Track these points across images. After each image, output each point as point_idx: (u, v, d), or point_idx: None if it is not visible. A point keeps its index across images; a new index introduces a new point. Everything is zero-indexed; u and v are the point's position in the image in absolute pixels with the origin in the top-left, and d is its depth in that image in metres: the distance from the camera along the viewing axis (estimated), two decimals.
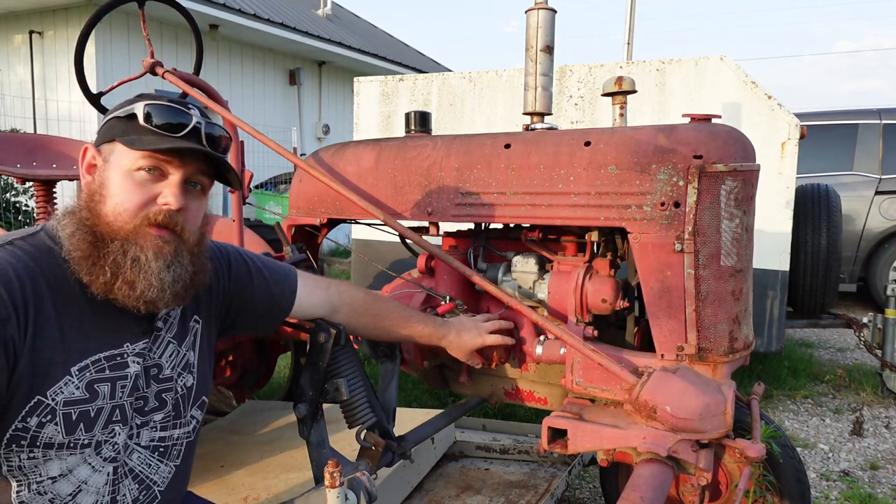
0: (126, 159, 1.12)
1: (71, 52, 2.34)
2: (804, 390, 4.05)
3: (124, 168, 1.12)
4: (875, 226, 6.14)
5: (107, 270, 1.09)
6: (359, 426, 1.62)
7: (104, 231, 1.11)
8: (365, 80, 4.82)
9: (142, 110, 1.12)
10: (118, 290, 1.10)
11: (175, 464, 1.29)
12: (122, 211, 1.11)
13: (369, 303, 1.63)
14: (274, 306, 1.47)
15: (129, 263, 1.10)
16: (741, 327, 1.69)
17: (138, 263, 1.10)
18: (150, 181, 1.13)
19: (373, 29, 14.78)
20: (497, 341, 1.76)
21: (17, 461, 1.09)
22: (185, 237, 1.16)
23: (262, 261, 1.49)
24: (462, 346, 1.73)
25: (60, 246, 1.13)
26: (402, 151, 2.03)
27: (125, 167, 1.12)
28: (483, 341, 1.75)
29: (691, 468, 1.52)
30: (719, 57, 3.63)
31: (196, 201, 1.19)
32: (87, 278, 1.10)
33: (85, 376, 1.12)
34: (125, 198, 1.11)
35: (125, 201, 1.11)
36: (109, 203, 1.11)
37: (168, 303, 1.15)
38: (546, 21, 2.01)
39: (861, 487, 2.82)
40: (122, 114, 1.14)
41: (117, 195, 1.11)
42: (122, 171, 1.12)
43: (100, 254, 1.10)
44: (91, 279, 1.10)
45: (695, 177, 1.57)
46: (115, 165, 1.13)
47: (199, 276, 1.21)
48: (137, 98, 1.17)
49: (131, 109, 1.13)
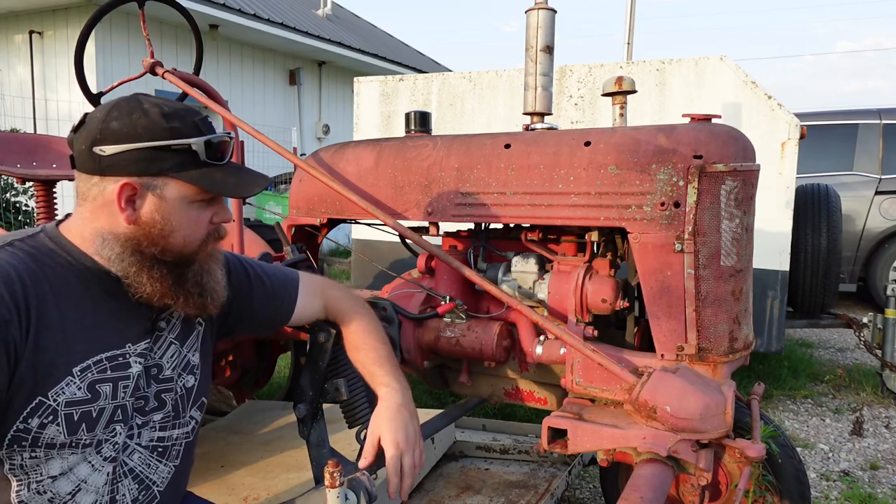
0: (188, 191, 1.15)
1: (71, 52, 2.33)
2: (804, 390, 4.05)
3: (187, 200, 1.16)
4: (875, 226, 6.13)
5: (194, 293, 1.19)
6: (359, 426, 1.61)
7: (177, 261, 1.17)
8: (365, 80, 4.82)
9: (203, 147, 1.14)
10: (206, 306, 1.22)
11: (174, 464, 1.29)
12: (194, 240, 1.18)
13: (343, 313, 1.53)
14: (273, 315, 1.47)
15: (206, 279, 1.21)
16: (741, 327, 1.69)
17: (213, 278, 1.23)
18: (207, 206, 1.19)
19: (373, 29, 14.78)
20: (391, 462, 1.29)
21: (18, 460, 1.09)
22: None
23: (263, 269, 1.48)
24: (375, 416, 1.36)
25: (63, 248, 1.13)
26: (402, 151, 2.03)
27: (187, 199, 1.16)
28: (379, 439, 1.32)
29: (691, 468, 1.52)
30: (719, 57, 3.63)
31: None
32: (174, 304, 1.19)
33: (87, 377, 1.12)
34: (194, 229, 1.18)
35: (195, 232, 1.18)
36: (178, 235, 1.16)
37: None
38: (546, 21, 2.01)
39: (861, 487, 2.82)
40: (175, 146, 1.12)
41: (186, 227, 1.16)
42: (185, 204, 1.16)
43: (184, 280, 1.18)
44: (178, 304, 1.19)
45: (695, 177, 1.57)
46: (174, 200, 1.14)
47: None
48: (164, 117, 1.11)
49: (187, 144, 1.12)
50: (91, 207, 1.14)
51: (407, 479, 1.28)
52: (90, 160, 1.11)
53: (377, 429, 1.32)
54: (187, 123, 1.14)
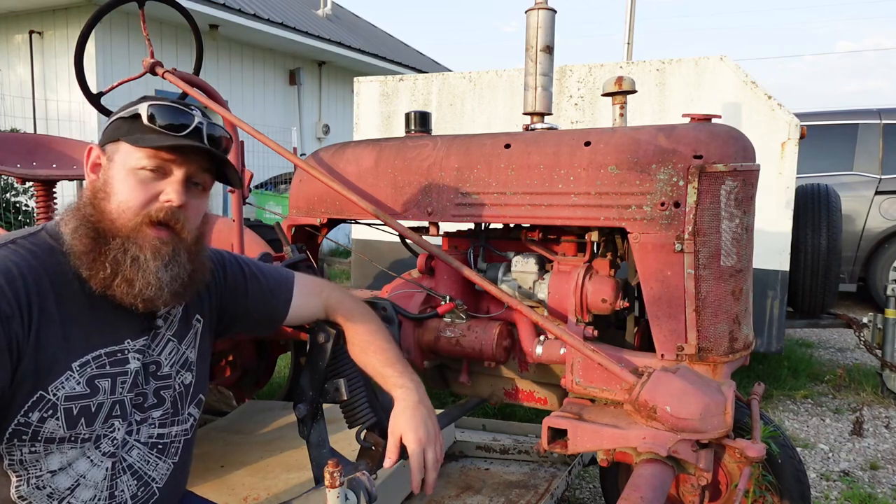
0: (130, 158, 1.13)
1: (71, 52, 2.33)
2: (804, 390, 4.05)
3: (128, 166, 1.13)
4: (875, 226, 6.13)
5: (107, 267, 1.11)
6: (359, 426, 1.61)
7: (107, 228, 1.13)
8: (365, 80, 4.82)
9: (145, 111, 1.14)
10: (117, 286, 1.12)
11: (173, 461, 1.30)
12: (126, 209, 1.13)
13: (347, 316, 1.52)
14: (269, 314, 1.47)
15: (128, 262, 1.12)
16: (741, 327, 1.69)
17: (137, 262, 1.12)
18: (154, 179, 1.14)
19: (373, 29, 14.78)
20: (414, 457, 1.30)
21: (18, 455, 1.10)
22: (185, 235, 1.18)
23: (259, 267, 1.48)
24: (394, 416, 1.37)
25: (62, 244, 1.14)
26: (402, 151, 2.03)
27: (129, 165, 1.13)
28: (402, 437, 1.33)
29: (691, 468, 1.52)
30: (719, 57, 3.63)
31: (197, 199, 1.21)
32: (87, 273, 1.12)
33: (86, 372, 1.13)
34: (129, 195, 1.13)
35: (129, 199, 1.13)
36: (113, 201, 1.13)
37: (167, 301, 1.17)
38: (546, 21, 2.01)
39: (861, 487, 2.82)
40: (127, 114, 1.16)
41: (121, 193, 1.13)
42: (126, 170, 1.14)
43: (101, 250, 1.12)
44: (90, 274, 1.12)
45: (695, 177, 1.57)
46: (119, 164, 1.14)
47: (198, 275, 1.23)
48: (141, 99, 1.18)
49: (135, 110, 1.15)
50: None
51: (431, 472, 1.30)
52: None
53: (398, 428, 1.33)
54: (171, 108, 1.16)
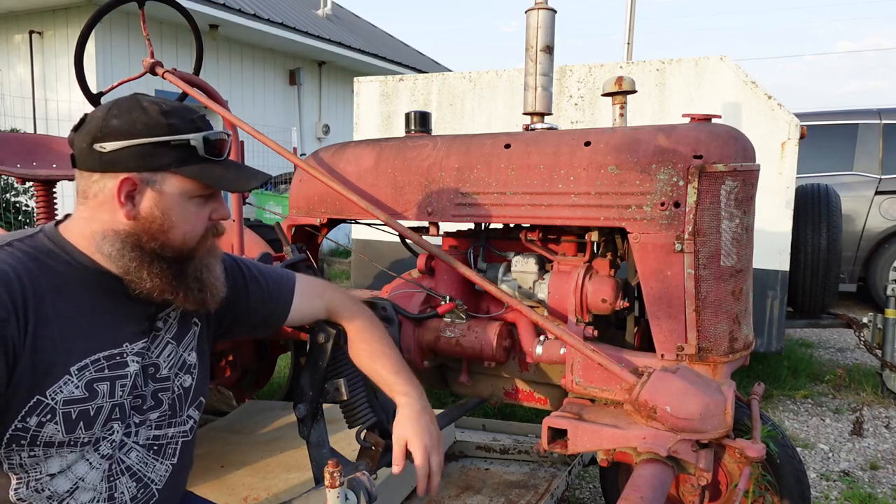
0: (188, 186, 1.16)
1: (71, 52, 2.33)
2: (804, 390, 4.05)
3: (186, 196, 1.16)
4: (875, 226, 6.13)
5: (193, 288, 1.20)
6: (359, 426, 1.62)
7: (176, 256, 1.18)
8: (365, 80, 4.82)
9: (201, 143, 1.16)
10: (206, 301, 1.22)
11: (172, 462, 1.30)
12: (193, 236, 1.19)
13: (350, 320, 1.54)
14: (269, 316, 1.47)
15: (206, 275, 1.22)
16: (741, 327, 1.69)
17: (213, 274, 1.23)
18: (205, 202, 1.20)
19: (373, 29, 14.78)
20: (420, 463, 1.35)
21: (17, 459, 1.10)
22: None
23: (259, 269, 1.48)
24: (399, 423, 1.40)
25: (61, 248, 1.14)
26: (402, 151, 2.03)
27: (186, 195, 1.16)
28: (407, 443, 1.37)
29: (691, 468, 1.52)
30: (719, 57, 3.63)
31: None
32: (182, 301, 1.20)
33: (84, 375, 1.12)
34: (194, 224, 1.18)
35: (194, 227, 1.19)
36: (178, 231, 1.17)
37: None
38: (546, 21, 2.01)
39: (861, 487, 2.82)
40: (174, 142, 1.13)
41: (185, 222, 1.17)
42: (185, 200, 1.16)
43: (183, 275, 1.19)
44: (185, 300, 1.20)
45: (695, 177, 1.57)
46: (173, 196, 1.15)
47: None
48: (162, 114, 1.14)
49: (186, 140, 1.14)
50: (91, 205, 1.15)
51: (435, 476, 1.37)
52: (90, 157, 1.13)
53: (402, 435, 1.38)
54: (185, 120, 1.16)
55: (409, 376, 1.46)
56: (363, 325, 1.51)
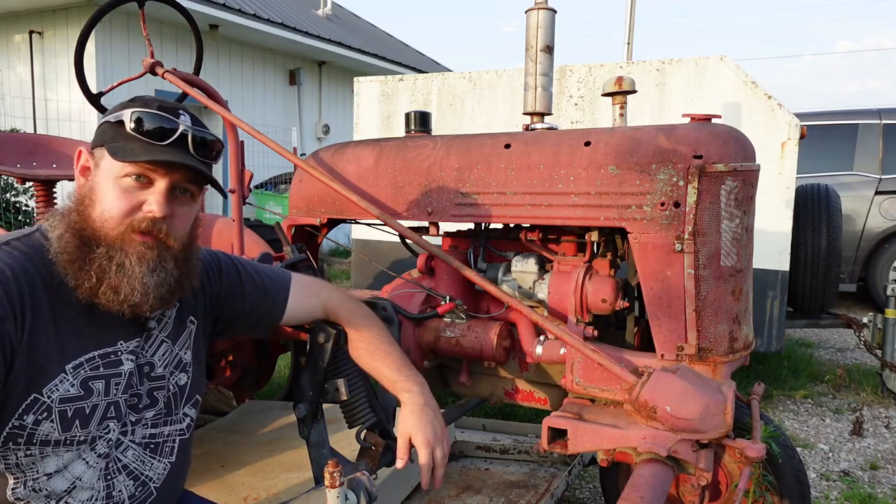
0: (114, 165, 1.12)
1: (71, 52, 2.33)
2: (804, 390, 4.05)
3: (112, 174, 1.13)
4: (875, 226, 6.13)
5: (92, 275, 1.11)
6: (359, 426, 1.62)
7: (91, 235, 1.12)
8: (365, 80, 4.82)
9: (129, 117, 1.13)
10: (102, 294, 1.12)
11: (169, 460, 1.30)
12: (109, 217, 1.12)
13: (349, 320, 1.53)
14: (265, 314, 1.47)
15: (113, 269, 1.11)
16: (741, 327, 1.69)
17: (122, 269, 1.12)
18: (137, 188, 1.13)
19: (373, 29, 14.77)
20: (424, 456, 1.36)
21: (14, 458, 1.10)
22: (171, 244, 1.17)
23: (255, 268, 1.48)
24: (403, 419, 1.41)
25: (50, 248, 1.14)
26: (402, 151, 2.03)
27: (113, 173, 1.13)
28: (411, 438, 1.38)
29: (691, 468, 1.52)
30: (719, 57, 3.63)
31: (184, 207, 1.19)
32: (73, 282, 1.11)
33: (79, 374, 1.13)
34: (112, 204, 1.12)
35: (111, 208, 1.12)
36: (98, 208, 1.13)
37: (153, 307, 1.16)
38: (546, 21, 2.01)
39: (861, 487, 2.82)
40: (112, 119, 1.15)
41: (105, 201, 1.13)
42: (111, 177, 1.13)
43: (86, 258, 1.11)
44: (77, 283, 1.11)
45: (695, 177, 1.57)
46: (104, 171, 1.14)
47: (186, 280, 1.22)
48: (130, 102, 1.16)
49: (120, 115, 1.14)
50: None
51: (439, 469, 1.37)
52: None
53: (407, 430, 1.38)
54: (150, 107, 1.14)
55: (411, 372, 1.45)
56: (362, 324, 1.50)
